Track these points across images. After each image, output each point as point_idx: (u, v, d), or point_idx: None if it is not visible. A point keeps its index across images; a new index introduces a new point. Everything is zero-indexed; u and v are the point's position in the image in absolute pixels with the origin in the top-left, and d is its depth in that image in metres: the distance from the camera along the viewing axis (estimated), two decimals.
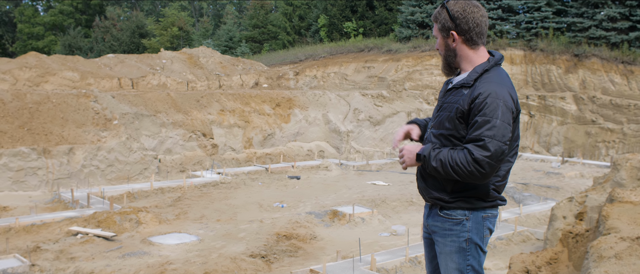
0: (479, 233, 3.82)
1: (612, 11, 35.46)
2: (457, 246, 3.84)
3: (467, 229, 3.81)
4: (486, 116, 3.54)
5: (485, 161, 3.49)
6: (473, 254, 3.84)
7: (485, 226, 3.84)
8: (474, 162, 3.51)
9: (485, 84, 3.63)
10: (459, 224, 3.82)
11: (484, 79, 3.67)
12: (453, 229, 3.84)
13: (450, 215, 3.84)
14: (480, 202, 3.79)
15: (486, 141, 3.50)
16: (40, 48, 65.73)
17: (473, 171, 3.52)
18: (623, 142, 30.84)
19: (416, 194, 21.81)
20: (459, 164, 3.54)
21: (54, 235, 16.35)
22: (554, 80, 35.03)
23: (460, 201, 3.78)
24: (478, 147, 3.51)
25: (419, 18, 42.53)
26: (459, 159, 3.55)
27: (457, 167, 3.55)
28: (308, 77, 40.43)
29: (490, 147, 3.50)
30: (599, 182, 14.03)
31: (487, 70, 3.72)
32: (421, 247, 15.06)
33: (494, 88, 3.59)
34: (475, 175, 3.54)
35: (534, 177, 26.34)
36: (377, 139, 32.50)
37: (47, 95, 24.71)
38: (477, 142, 3.53)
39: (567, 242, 9.29)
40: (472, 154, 3.51)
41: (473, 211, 3.80)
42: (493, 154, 3.49)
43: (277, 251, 15.38)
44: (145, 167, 24.33)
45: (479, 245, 3.84)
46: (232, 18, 66.61)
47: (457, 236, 3.83)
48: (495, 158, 3.49)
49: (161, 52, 37.20)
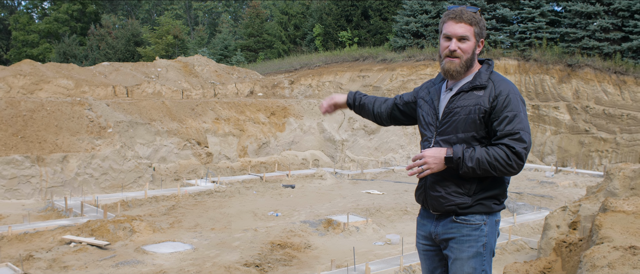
0: (494, 236, 3.93)
1: (604, 22, 35.68)
2: (475, 251, 3.87)
3: (485, 234, 3.87)
4: (513, 110, 3.70)
5: (524, 153, 3.66)
6: (488, 259, 3.90)
7: (496, 230, 3.96)
8: (515, 155, 3.65)
9: (501, 83, 3.80)
10: (478, 229, 3.87)
11: (496, 79, 3.83)
12: (471, 235, 3.87)
13: (468, 220, 3.86)
14: (496, 205, 3.89)
15: (521, 134, 3.67)
16: (35, 56, 65.67)
17: (513, 164, 3.66)
18: (616, 152, 30.97)
19: (410, 204, 21.82)
20: (500, 159, 3.66)
21: (47, 244, 16.29)
22: (547, 90, 35.18)
23: (479, 205, 3.85)
24: (515, 140, 3.66)
25: (414, 28, 42.69)
26: (498, 155, 3.66)
27: (497, 163, 3.66)
28: (303, 86, 40.49)
29: (525, 138, 3.67)
30: (593, 191, 14.08)
31: (492, 72, 3.89)
32: (416, 256, 15.05)
33: (510, 86, 3.78)
34: (514, 168, 3.68)
35: (527, 186, 26.40)
36: (372, 148, 32.54)
37: (41, 103, 24.67)
38: (513, 136, 3.67)
39: (561, 251, 9.32)
40: (513, 148, 3.65)
41: (490, 215, 3.89)
42: (528, 145, 3.67)
43: (272, 260, 15.36)
44: (140, 176, 24.29)
45: (493, 249, 3.94)
46: (228, 27, 66.72)
47: (476, 241, 3.86)
48: (529, 148, 3.68)
49: (156, 61, 37.19)
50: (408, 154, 32.90)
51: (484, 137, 3.79)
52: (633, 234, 6.80)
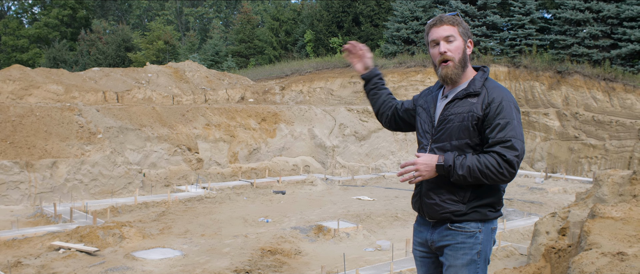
0: (489, 244, 3.90)
1: (594, 29, 35.92)
2: (469, 258, 3.85)
3: (480, 242, 3.84)
4: (506, 118, 3.67)
5: (516, 161, 3.62)
6: (482, 266, 3.88)
7: (492, 238, 3.92)
8: (506, 163, 3.61)
9: (495, 90, 3.77)
10: (472, 237, 3.84)
11: (490, 86, 3.80)
12: (466, 242, 3.85)
13: (463, 228, 3.85)
14: (491, 213, 3.86)
15: (513, 141, 3.62)
16: (25, 61, 65.37)
17: (504, 172, 3.61)
18: (605, 158, 31.14)
19: (401, 210, 21.84)
20: (490, 167, 3.62)
21: (35, 250, 16.19)
22: (537, 96, 35.36)
23: (474, 213, 3.82)
24: (507, 148, 3.62)
25: (405, 34, 42.83)
26: (488, 163, 3.63)
27: (488, 171, 3.62)
28: (294, 92, 40.50)
29: (517, 146, 3.62)
30: (582, 197, 14.15)
31: (487, 79, 3.86)
32: (406, 262, 15.07)
33: (504, 93, 3.75)
34: (505, 176, 3.64)
35: (517, 192, 26.49)
36: (363, 154, 32.57)
37: (30, 108, 24.55)
38: (504, 143, 3.63)
39: (550, 257, 9.36)
40: (504, 155, 3.60)
41: (485, 223, 3.86)
42: (520, 153, 3.63)
43: (262, 266, 15.32)
44: (130, 182, 24.20)
45: (487, 258, 3.91)
46: (219, 32, 66.68)
47: (470, 248, 3.85)
48: (521, 156, 3.64)
49: (147, 66, 37.11)
50: (399, 160, 32.95)
51: (478, 145, 3.78)
52: (621, 240, 6.84)
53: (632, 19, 34.96)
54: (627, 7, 34.63)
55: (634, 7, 34.27)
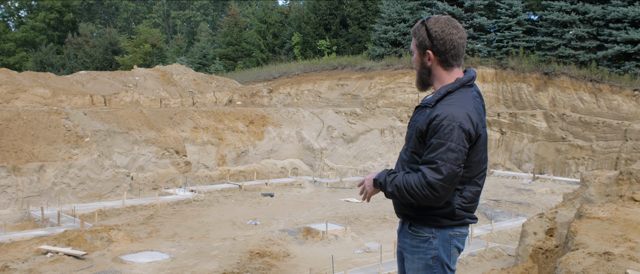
0: (446, 251, 3.80)
1: (580, 31, 36.18)
2: (424, 263, 3.83)
3: (434, 247, 3.78)
4: (441, 138, 3.49)
5: (439, 184, 3.46)
6: (439, 272, 3.83)
7: (452, 245, 3.81)
8: (427, 185, 3.48)
9: (444, 106, 3.58)
10: (426, 242, 3.80)
11: (445, 101, 3.63)
12: (420, 247, 3.83)
13: (417, 232, 3.84)
14: (447, 220, 3.76)
15: (439, 164, 3.47)
16: (11, 64, 64.92)
17: (427, 194, 3.50)
18: (592, 159, 31.34)
19: (389, 212, 21.90)
20: (414, 187, 3.52)
21: (23, 254, 16.08)
22: (524, 98, 35.54)
23: (427, 218, 3.77)
24: (431, 169, 3.49)
25: (392, 36, 42.94)
26: (413, 183, 3.53)
27: (413, 191, 3.53)
28: (282, 94, 40.49)
29: (443, 170, 3.46)
30: (569, 198, 14.24)
31: (451, 91, 3.66)
32: (394, 264, 15.10)
33: (452, 110, 3.52)
34: (430, 198, 3.51)
35: (505, 193, 26.61)
36: (351, 156, 32.59)
37: (17, 112, 24.39)
38: (430, 164, 3.50)
39: (538, 258, 9.41)
40: (426, 177, 3.48)
41: (440, 229, 3.78)
42: (446, 177, 3.46)
43: (250, 268, 15.30)
44: (117, 185, 24.09)
45: (446, 263, 3.81)
46: (206, 35, 66.57)
47: (424, 253, 3.82)
48: (448, 181, 3.46)
49: (134, 69, 36.98)
50: (387, 162, 33.01)
51: None
52: (607, 240, 6.89)
53: (618, 21, 35.23)
54: (613, 8, 34.89)
55: (620, 9, 34.54)
